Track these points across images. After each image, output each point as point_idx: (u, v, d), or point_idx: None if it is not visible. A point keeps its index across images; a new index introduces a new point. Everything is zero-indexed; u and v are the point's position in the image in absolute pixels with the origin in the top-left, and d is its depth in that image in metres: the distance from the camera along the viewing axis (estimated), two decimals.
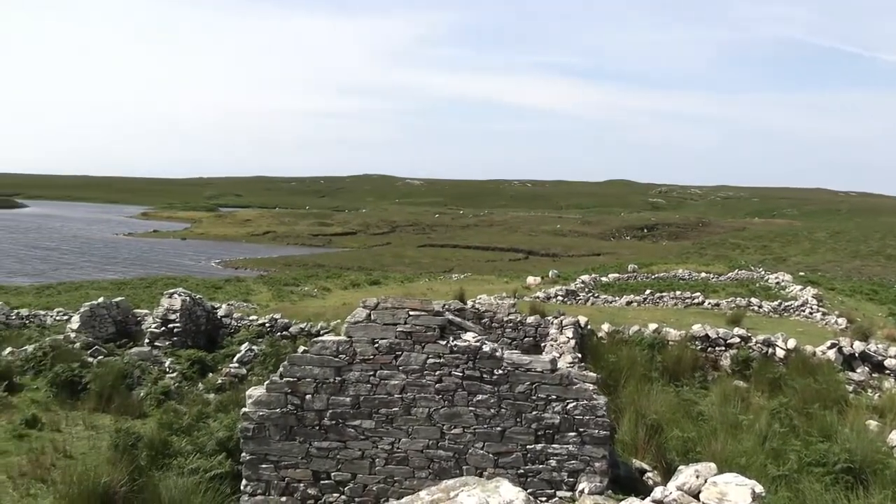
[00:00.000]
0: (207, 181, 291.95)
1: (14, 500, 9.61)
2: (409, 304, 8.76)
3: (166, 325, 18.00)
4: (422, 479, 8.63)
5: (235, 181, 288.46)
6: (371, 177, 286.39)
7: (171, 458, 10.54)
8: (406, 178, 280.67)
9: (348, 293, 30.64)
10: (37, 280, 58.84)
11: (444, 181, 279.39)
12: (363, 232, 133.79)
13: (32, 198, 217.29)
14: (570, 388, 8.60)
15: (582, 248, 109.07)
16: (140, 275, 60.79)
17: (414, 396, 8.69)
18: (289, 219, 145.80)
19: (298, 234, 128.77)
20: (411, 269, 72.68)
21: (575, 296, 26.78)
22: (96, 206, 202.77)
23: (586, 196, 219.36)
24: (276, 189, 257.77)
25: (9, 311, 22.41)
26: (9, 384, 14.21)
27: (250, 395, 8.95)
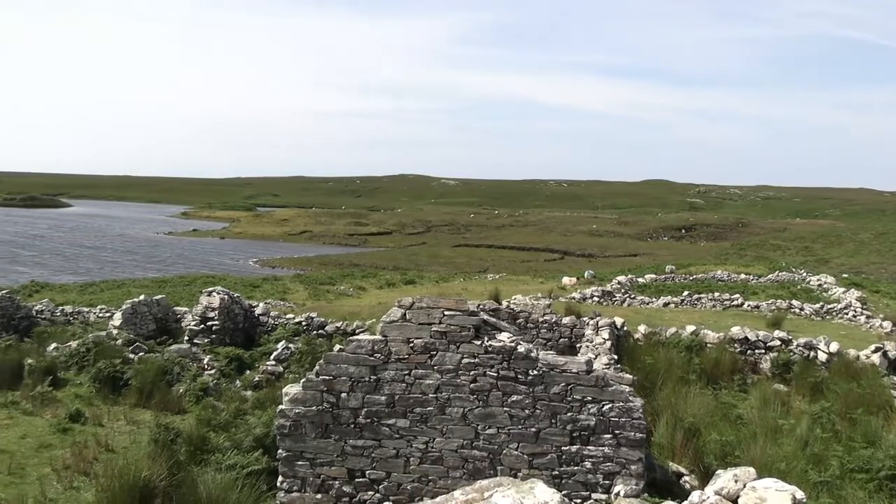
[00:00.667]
0: (246, 181, 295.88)
1: (58, 492, 9.85)
2: (444, 303, 8.76)
3: (205, 322, 18.28)
4: (456, 479, 8.63)
5: (273, 181, 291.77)
6: (407, 177, 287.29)
7: (209, 454, 10.71)
8: (442, 178, 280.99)
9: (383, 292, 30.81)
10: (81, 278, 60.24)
11: (479, 181, 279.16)
12: (398, 232, 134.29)
13: (77, 197, 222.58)
14: (606, 389, 8.53)
15: (618, 248, 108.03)
16: (180, 273, 61.83)
17: (448, 396, 8.69)
18: (325, 218, 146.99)
19: (334, 233, 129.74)
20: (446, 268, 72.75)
21: (611, 297, 26.55)
22: (138, 206, 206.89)
23: (623, 196, 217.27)
24: (312, 189, 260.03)
25: (54, 308, 22.98)
26: (53, 379, 14.59)
27: (287, 393, 9.05)
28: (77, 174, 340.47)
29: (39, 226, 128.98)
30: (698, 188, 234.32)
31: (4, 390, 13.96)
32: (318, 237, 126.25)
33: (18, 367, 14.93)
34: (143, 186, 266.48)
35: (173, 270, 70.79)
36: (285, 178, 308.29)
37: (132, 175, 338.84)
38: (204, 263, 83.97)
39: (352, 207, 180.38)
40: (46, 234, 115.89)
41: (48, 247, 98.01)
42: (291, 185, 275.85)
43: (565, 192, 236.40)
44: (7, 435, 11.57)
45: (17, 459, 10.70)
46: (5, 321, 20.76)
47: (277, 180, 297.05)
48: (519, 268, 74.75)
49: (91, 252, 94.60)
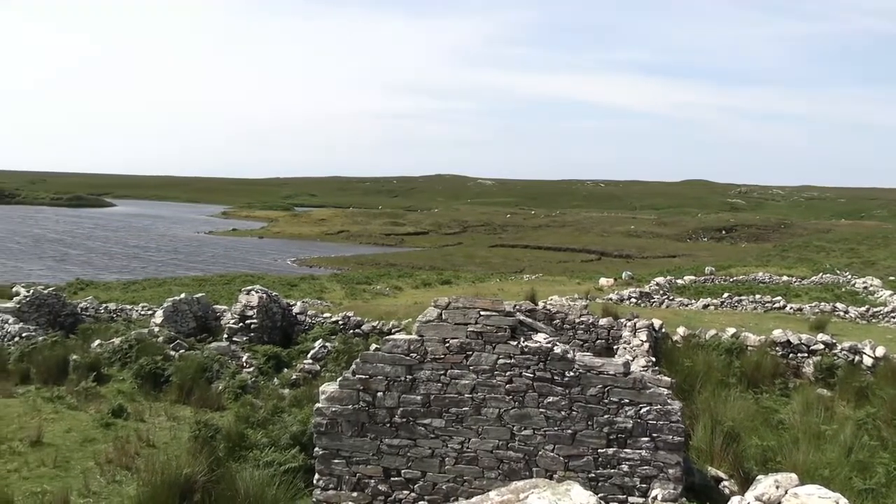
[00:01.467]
0: (284, 181, 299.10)
1: (101, 485, 10.07)
2: (481, 303, 8.75)
3: (244, 321, 18.52)
4: (491, 480, 8.61)
5: (311, 181, 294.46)
6: (443, 177, 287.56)
7: (247, 451, 10.85)
8: (478, 178, 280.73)
9: (420, 292, 30.88)
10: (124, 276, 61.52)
11: (516, 181, 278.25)
12: (435, 232, 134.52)
13: (120, 197, 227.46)
14: (644, 392, 8.43)
15: (656, 249, 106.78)
16: (220, 272, 62.79)
17: (484, 396, 8.68)
18: (362, 218, 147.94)
19: (371, 233, 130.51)
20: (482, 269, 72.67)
21: (649, 298, 26.26)
22: (179, 205, 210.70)
23: (661, 196, 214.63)
24: (349, 189, 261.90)
25: (98, 306, 23.52)
26: (97, 375, 14.94)
27: (323, 392, 9.12)
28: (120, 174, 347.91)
29: (86, 225, 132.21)
30: (739, 188, 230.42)
31: (51, 385, 14.33)
32: (354, 237, 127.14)
33: (64, 362, 15.32)
34: (184, 186, 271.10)
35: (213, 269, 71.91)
36: (323, 178, 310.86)
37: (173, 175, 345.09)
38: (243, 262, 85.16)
39: (388, 207, 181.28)
40: (92, 233, 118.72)
41: (94, 246, 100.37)
42: (329, 185, 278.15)
43: (603, 193, 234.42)
44: (53, 429, 11.87)
45: (62, 453, 10.97)
46: (51, 318, 21.30)
47: (315, 180, 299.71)
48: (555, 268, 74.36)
49: (135, 251, 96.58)
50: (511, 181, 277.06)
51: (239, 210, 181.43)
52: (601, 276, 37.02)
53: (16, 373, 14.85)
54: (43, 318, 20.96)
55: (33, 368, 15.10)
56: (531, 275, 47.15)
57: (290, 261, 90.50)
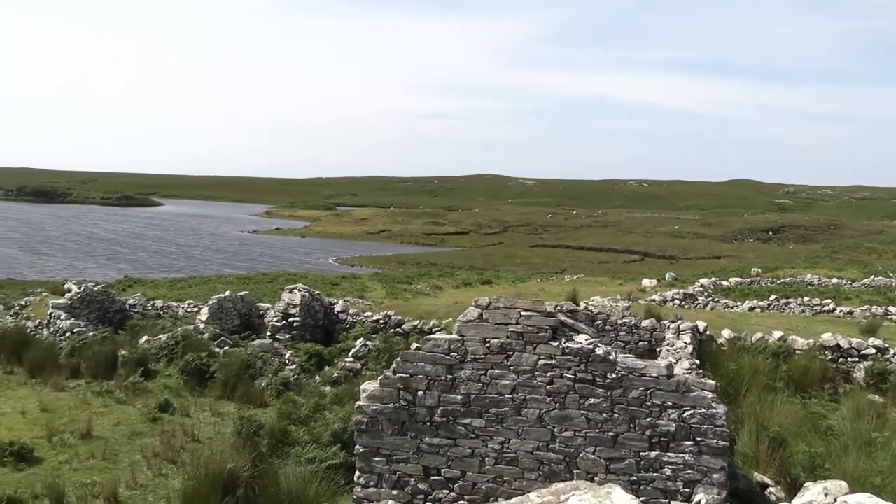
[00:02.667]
0: (326, 181, 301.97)
1: (148, 478, 10.31)
2: (521, 304, 8.71)
3: (287, 318, 18.75)
4: (531, 481, 8.57)
5: (352, 181, 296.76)
6: (484, 177, 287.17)
7: (289, 447, 10.99)
8: (519, 177, 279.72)
9: (460, 292, 30.88)
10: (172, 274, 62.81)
11: (557, 181, 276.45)
12: (475, 231, 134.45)
13: (167, 197, 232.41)
14: (688, 395, 8.30)
15: (701, 250, 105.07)
16: (263, 270, 63.69)
17: (525, 397, 8.64)
18: (403, 218, 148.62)
19: (412, 232, 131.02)
20: (523, 269, 72.41)
21: (693, 300, 25.86)
22: (225, 205, 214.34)
23: (706, 196, 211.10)
24: (390, 189, 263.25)
25: (145, 303, 24.05)
26: (145, 370, 15.29)
27: (364, 390, 9.17)
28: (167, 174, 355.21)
29: (137, 224, 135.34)
30: (787, 188, 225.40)
31: (100, 379, 14.72)
32: (395, 236, 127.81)
33: (113, 357, 15.70)
34: (229, 186, 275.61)
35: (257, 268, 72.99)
36: (364, 177, 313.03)
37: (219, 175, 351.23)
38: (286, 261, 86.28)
39: (429, 207, 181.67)
40: (142, 232, 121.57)
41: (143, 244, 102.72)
42: (370, 184, 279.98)
43: (646, 192, 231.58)
44: (102, 422, 12.18)
45: (111, 446, 11.25)
46: (101, 314, 21.85)
47: (356, 180, 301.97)
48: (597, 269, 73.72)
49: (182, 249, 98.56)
50: (552, 181, 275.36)
51: (282, 209, 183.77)
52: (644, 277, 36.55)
53: (67, 367, 15.27)
54: (93, 314, 21.51)
55: (84, 363, 15.50)
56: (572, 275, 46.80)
57: (332, 260, 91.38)
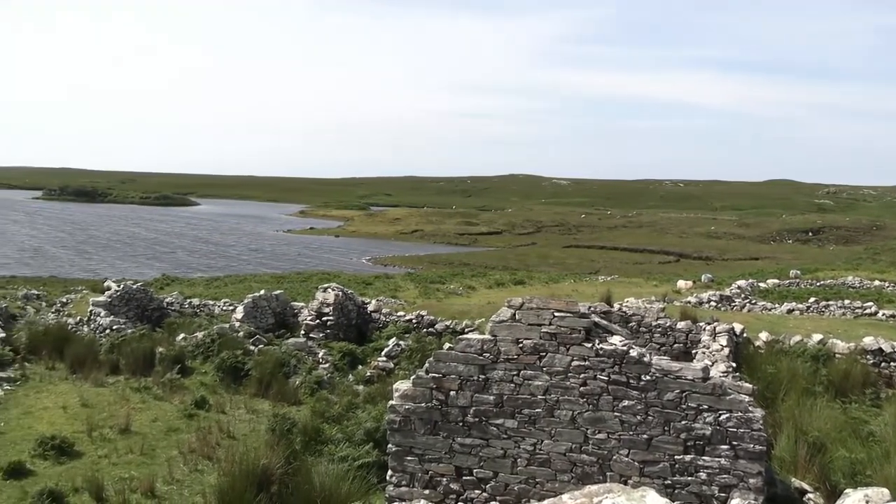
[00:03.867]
0: (360, 181, 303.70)
1: (184, 473, 10.47)
2: (555, 304, 8.66)
3: (320, 317, 18.89)
4: (564, 483, 8.52)
5: (386, 181, 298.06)
6: (517, 177, 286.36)
7: (322, 445, 11.08)
8: (553, 177, 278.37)
9: (493, 292, 30.81)
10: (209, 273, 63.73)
11: (591, 181, 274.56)
12: (508, 232, 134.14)
13: (204, 196, 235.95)
14: (724, 398, 8.18)
15: (738, 251, 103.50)
16: (297, 269, 64.28)
17: (557, 398, 8.59)
18: (436, 218, 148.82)
19: (445, 232, 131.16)
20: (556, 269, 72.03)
21: (730, 301, 25.45)
22: (259, 204, 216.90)
23: (744, 196, 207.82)
24: (424, 189, 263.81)
25: (182, 301, 24.40)
26: (181, 367, 15.52)
27: (397, 389, 9.20)
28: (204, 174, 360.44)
29: (176, 224, 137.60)
30: (827, 188, 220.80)
31: (138, 376, 14.98)
32: (428, 236, 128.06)
33: (151, 354, 15.96)
34: (264, 186, 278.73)
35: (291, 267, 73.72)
36: (397, 177, 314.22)
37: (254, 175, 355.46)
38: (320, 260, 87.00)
39: (462, 207, 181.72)
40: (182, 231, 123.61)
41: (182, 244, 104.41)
42: (403, 184, 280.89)
43: (681, 193, 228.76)
44: (140, 418, 12.40)
45: (148, 441, 11.45)
46: (140, 311, 22.23)
47: (390, 180, 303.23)
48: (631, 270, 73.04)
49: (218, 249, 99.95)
50: (586, 181, 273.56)
51: (316, 209, 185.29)
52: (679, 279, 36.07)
53: (106, 363, 15.56)
54: (132, 311, 21.89)
55: (122, 359, 15.78)
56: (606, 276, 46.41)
57: (366, 259, 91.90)
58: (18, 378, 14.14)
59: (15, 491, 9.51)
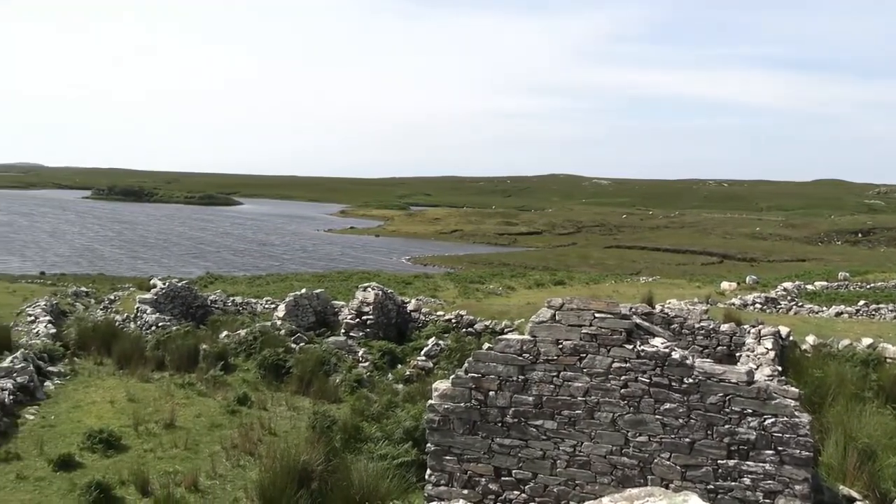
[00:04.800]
0: (400, 181, 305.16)
1: (227, 469, 10.63)
2: (595, 305, 8.59)
3: (360, 316, 19.02)
4: (604, 485, 8.44)
5: (426, 181, 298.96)
6: (557, 177, 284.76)
7: (362, 443, 11.14)
8: (593, 177, 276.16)
9: (532, 292, 30.68)
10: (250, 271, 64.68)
11: (633, 181, 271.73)
12: (548, 232, 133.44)
13: (247, 196, 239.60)
14: (769, 402, 8.01)
15: (784, 252, 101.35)
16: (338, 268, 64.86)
17: (598, 400, 8.51)
18: (476, 218, 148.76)
19: (485, 232, 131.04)
20: (597, 270, 71.39)
21: (775, 304, 24.94)
22: (301, 204, 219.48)
23: (790, 197, 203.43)
24: (463, 188, 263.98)
25: (226, 299, 24.79)
26: (224, 364, 15.76)
27: (436, 389, 9.22)
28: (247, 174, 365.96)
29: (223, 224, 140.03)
30: (878, 188, 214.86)
31: (182, 372, 15.25)
32: (468, 236, 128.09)
33: (195, 351, 16.24)
34: (305, 186, 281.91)
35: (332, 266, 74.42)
36: (437, 177, 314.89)
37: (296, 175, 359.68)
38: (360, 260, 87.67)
39: (502, 207, 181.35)
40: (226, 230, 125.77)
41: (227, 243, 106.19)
42: (443, 184, 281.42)
43: (725, 193, 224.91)
44: (185, 413, 12.63)
45: (192, 436, 11.65)
46: (184, 309, 22.65)
47: (430, 180, 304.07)
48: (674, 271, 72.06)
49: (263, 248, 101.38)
50: (628, 181, 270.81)
51: (356, 209, 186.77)
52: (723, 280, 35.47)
53: (152, 359, 15.87)
54: (177, 308, 22.32)
55: (167, 356, 16.08)
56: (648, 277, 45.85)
57: (405, 259, 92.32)
58: (68, 373, 14.51)
59: (64, 483, 9.76)
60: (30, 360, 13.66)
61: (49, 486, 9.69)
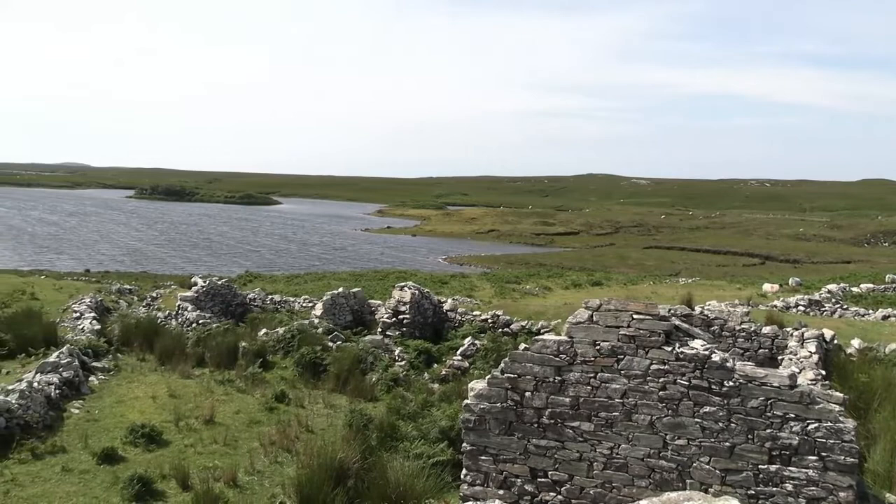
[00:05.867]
0: (436, 180, 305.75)
1: (265, 465, 10.76)
2: (633, 306, 8.49)
3: (397, 315, 19.10)
4: (641, 489, 8.35)
5: (462, 181, 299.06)
6: (595, 176, 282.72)
7: (397, 442, 11.18)
8: (632, 177, 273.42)
9: (569, 293, 30.47)
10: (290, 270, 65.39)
11: (672, 180, 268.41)
12: (586, 232, 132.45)
13: (286, 196, 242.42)
14: (812, 407, 7.84)
15: (828, 254, 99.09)
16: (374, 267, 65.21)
17: (635, 402, 8.42)
18: (512, 218, 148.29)
19: (521, 232, 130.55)
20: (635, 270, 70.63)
21: (819, 306, 24.38)
22: (338, 204, 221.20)
23: (835, 197, 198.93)
24: (500, 188, 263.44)
25: (264, 297, 25.11)
26: (263, 361, 15.97)
27: (472, 388, 9.20)
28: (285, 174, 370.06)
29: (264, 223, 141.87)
30: None
31: (222, 369, 15.49)
32: (505, 236, 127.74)
33: (234, 348, 16.48)
34: (342, 185, 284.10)
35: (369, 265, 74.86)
36: (474, 177, 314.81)
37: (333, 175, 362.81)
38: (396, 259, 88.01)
39: (539, 207, 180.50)
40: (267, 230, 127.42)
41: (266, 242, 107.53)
42: (480, 184, 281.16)
43: (768, 193, 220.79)
44: (224, 409, 12.81)
45: (231, 432, 11.82)
46: (224, 306, 22.99)
47: (466, 180, 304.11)
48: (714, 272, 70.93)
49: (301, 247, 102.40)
50: (667, 180, 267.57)
51: (393, 209, 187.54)
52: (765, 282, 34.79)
53: (193, 356, 16.14)
54: (217, 306, 22.67)
55: (207, 353, 16.34)
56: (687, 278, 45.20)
57: (441, 258, 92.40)
58: (112, 368, 14.82)
59: (108, 476, 9.97)
60: (75, 355, 13.99)
61: (93, 479, 9.91)
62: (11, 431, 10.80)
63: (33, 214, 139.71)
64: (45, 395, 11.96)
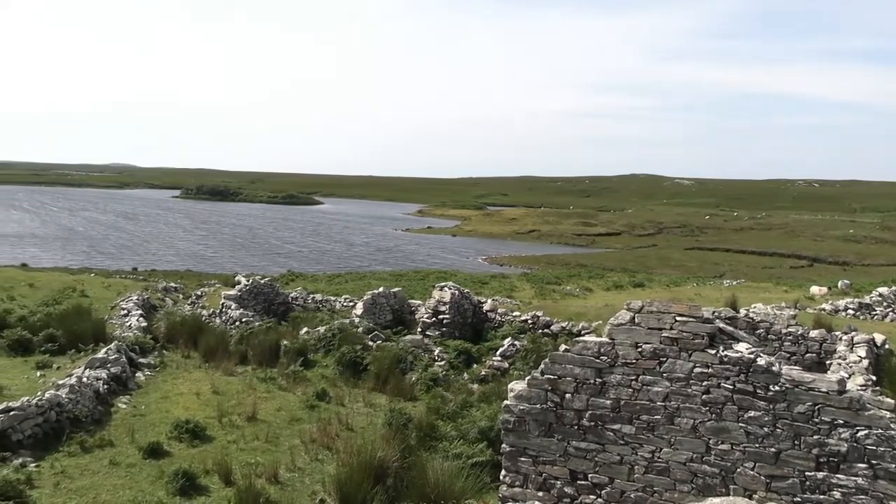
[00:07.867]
0: (476, 181, 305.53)
1: (305, 462, 10.88)
2: (676, 308, 8.37)
3: (437, 315, 19.12)
4: (683, 493, 8.22)
5: (502, 181, 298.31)
6: (637, 177, 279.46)
7: (436, 441, 11.19)
8: (675, 177, 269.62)
9: (611, 294, 30.16)
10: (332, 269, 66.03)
11: (716, 181, 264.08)
12: (627, 233, 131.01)
13: (327, 196, 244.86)
14: (862, 413, 7.63)
15: (880, 256, 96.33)
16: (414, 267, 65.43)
17: (678, 406, 8.29)
18: (553, 218, 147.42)
19: (562, 233, 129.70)
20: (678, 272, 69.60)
21: (870, 310, 23.72)
22: (379, 204, 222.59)
23: (887, 197, 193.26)
24: (540, 188, 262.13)
25: (306, 296, 25.36)
26: (304, 360, 16.13)
27: (512, 389, 9.17)
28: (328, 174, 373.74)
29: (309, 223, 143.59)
30: None
31: (264, 367, 15.69)
32: (545, 236, 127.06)
33: (276, 346, 16.68)
34: (383, 185, 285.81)
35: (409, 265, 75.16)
36: (514, 177, 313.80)
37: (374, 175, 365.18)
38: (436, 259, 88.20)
39: (580, 207, 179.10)
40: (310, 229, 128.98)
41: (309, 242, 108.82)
42: (520, 184, 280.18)
43: (816, 193, 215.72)
44: (266, 407, 12.99)
45: (273, 430, 11.97)
46: (267, 305, 23.29)
47: (507, 180, 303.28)
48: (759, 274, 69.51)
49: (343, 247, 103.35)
50: (711, 181, 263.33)
51: (433, 209, 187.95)
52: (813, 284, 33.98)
53: (236, 353, 16.38)
54: (259, 305, 22.98)
55: (250, 350, 16.57)
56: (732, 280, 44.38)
57: (481, 259, 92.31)
58: (158, 364, 15.13)
59: (153, 470, 10.18)
60: (123, 351, 14.32)
61: (139, 473, 10.13)
62: (62, 425, 11.10)
63: (84, 214, 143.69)
64: (93, 390, 12.28)
